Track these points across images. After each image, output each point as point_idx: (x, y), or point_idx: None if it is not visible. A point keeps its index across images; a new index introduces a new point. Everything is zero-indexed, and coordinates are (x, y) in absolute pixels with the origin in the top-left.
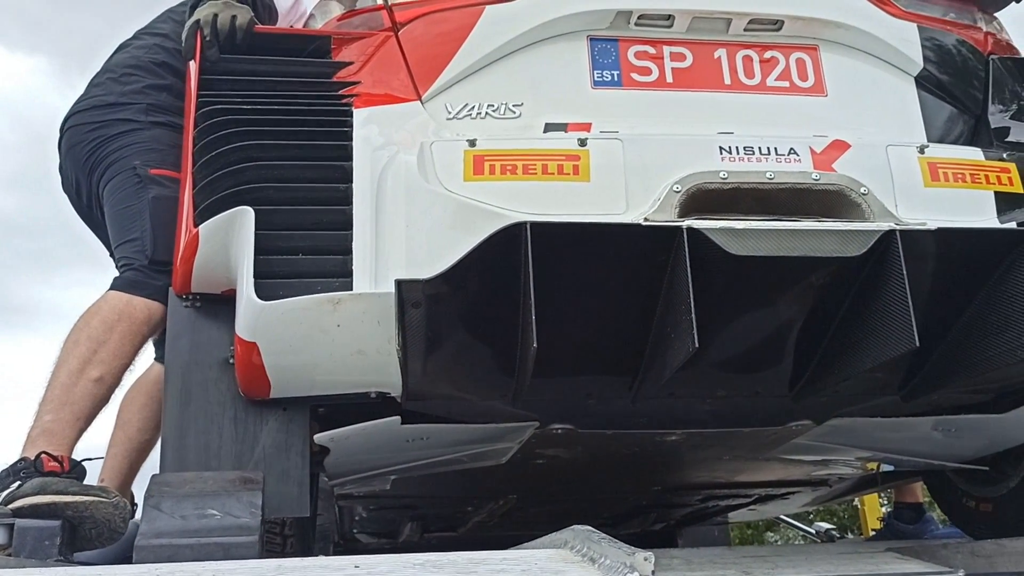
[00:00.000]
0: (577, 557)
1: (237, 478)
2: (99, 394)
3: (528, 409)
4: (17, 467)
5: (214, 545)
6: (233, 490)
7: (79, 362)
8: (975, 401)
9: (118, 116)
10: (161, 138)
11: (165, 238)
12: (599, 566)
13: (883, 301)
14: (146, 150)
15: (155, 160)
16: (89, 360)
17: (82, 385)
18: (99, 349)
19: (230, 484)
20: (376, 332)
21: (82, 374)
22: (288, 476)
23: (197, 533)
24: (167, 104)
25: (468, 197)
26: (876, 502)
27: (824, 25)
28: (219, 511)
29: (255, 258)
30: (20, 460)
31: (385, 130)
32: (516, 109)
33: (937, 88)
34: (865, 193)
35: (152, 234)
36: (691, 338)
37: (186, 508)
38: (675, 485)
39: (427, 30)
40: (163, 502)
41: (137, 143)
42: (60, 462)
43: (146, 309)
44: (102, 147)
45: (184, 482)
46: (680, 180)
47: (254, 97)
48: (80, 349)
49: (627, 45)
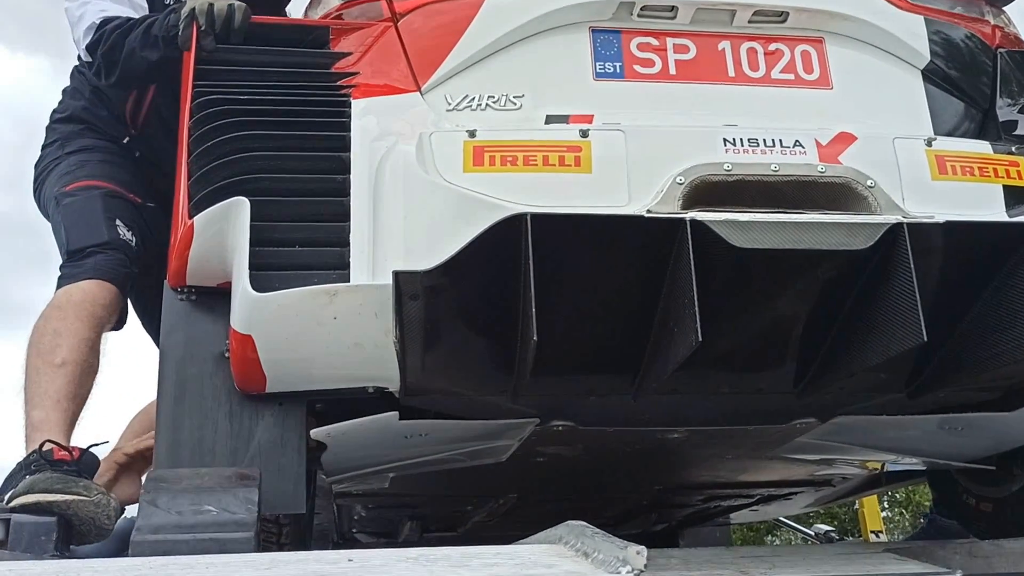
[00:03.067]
0: (571, 552)
1: (233, 474)
2: (68, 374)
3: (528, 405)
4: (28, 460)
5: (210, 540)
6: (229, 486)
7: (40, 357)
8: (982, 399)
9: (45, 161)
10: (71, 161)
11: (77, 230)
12: (592, 560)
13: (890, 295)
14: (60, 176)
15: (67, 180)
16: (48, 351)
17: (48, 373)
18: (53, 338)
19: (227, 480)
20: (373, 325)
21: (46, 364)
22: (284, 472)
23: (193, 529)
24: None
25: (467, 188)
26: (876, 505)
27: (830, 17)
28: (215, 507)
29: (251, 250)
30: (32, 454)
31: (384, 121)
32: (517, 100)
33: (944, 81)
34: (872, 186)
35: (66, 233)
36: (694, 333)
37: (182, 504)
38: (677, 484)
39: (427, 20)
40: (159, 498)
41: (55, 175)
42: (69, 451)
43: (79, 291)
44: (37, 192)
45: (180, 478)
46: (683, 172)
47: (251, 87)
48: (37, 347)
49: (630, 36)
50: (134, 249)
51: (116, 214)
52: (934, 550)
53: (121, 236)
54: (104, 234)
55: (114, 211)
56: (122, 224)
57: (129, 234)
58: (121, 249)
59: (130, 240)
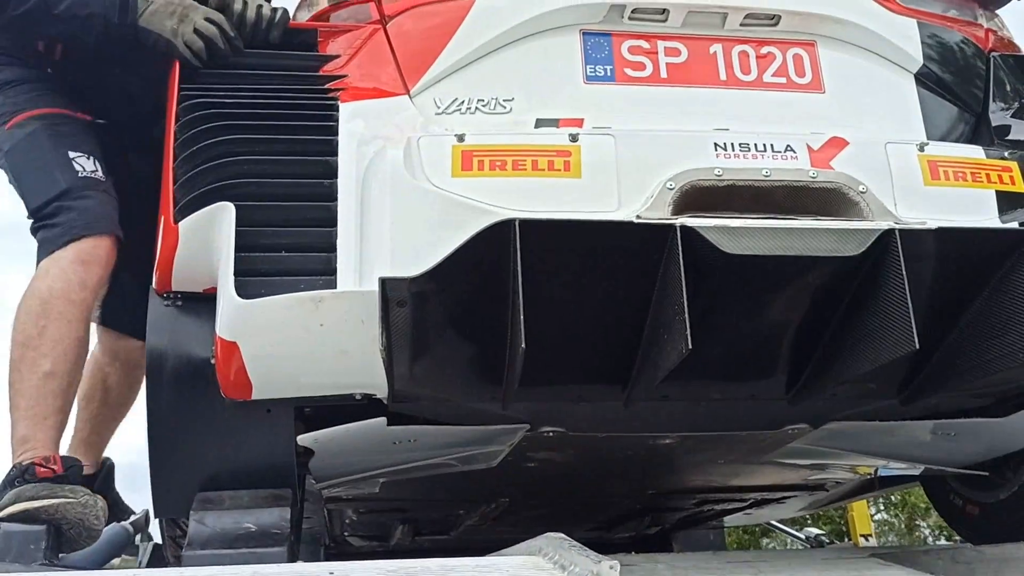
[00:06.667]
0: (549, 564)
1: (269, 495)
2: (55, 387)
3: (518, 412)
4: (11, 476)
5: (249, 553)
6: (266, 505)
7: (25, 361)
8: (975, 405)
9: None
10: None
11: (31, 180)
12: (568, 573)
13: (882, 302)
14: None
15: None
16: (33, 355)
17: (36, 384)
18: (39, 339)
19: (263, 500)
20: (360, 332)
21: (31, 372)
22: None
23: (235, 543)
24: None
25: (456, 193)
26: (865, 509)
27: (822, 20)
28: (254, 524)
29: (236, 255)
30: (12, 469)
31: (372, 124)
32: (506, 104)
33: (937, 85)
34: (863, 191)
35: (20, 188)
36: (684, 339)
37: (226, 522)
38: (669, 489)
39: (416, 23)
40: (206, 517)
41: None
42: (51, 466)
43: (61, 278)
44: None
45: (223, 499)
46: (674, 177)
47: (238, 91)
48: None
49: (621, 39)
50: (102, 181)
51: (68, 145)
52: (917, 555)
53: (81, 173)
54: (60, 181)
55: (65, 142)
56: (79, 154)
57: (91, 163)
58: (87, 188)
59: (94, 171)
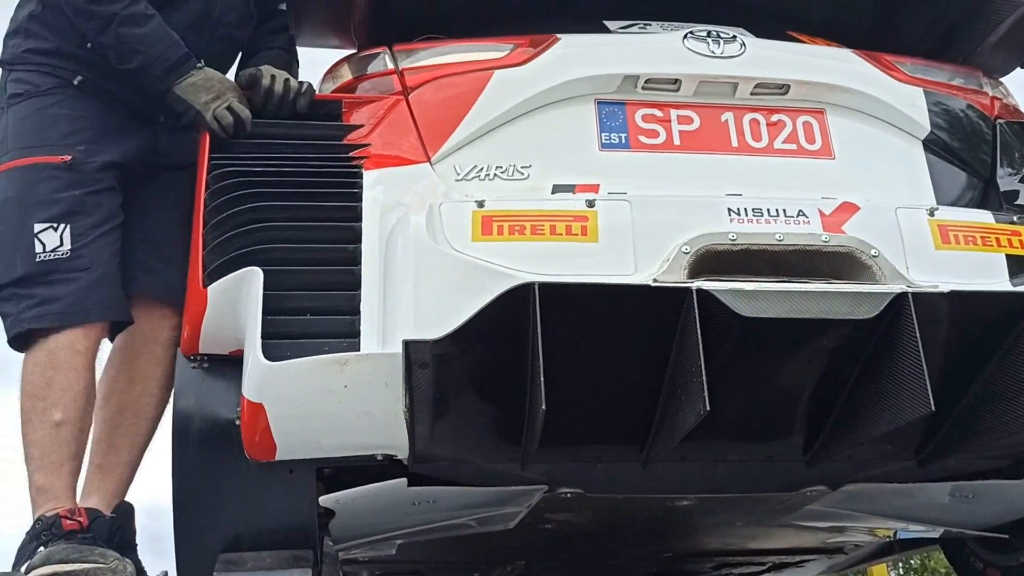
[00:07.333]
0: None
1: (290, 556)
2: (67, 435)
3: (537, 472)
4: (36, 530)
5: None
6: (287, 566)
7: (35, 411)
8: (993, 467)
9: None
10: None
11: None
12: None
13: (897, 364)
14: None
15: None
16: (42, 405)
17: (45, 432)
18: (46, 389)
19: (284, 561)
20: (383, 393)
21: (42, 421)
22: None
23: None
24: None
25: (476, 257)
26: (885, 573)
27: (830, 89)
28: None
29: (263, 319)
30: (37, 522)
31: (394, 191)
32: (524, 171)
33: (945, 151)
34: (876, 255)
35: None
36: (702, 401)
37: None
38: (687, 551)
39: (437, 94)
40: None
41: None
42: (77, 519)
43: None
44: None
45: (246, 560)
46: (689, 241)
47: (265, 159)
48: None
49: (634, 108)
50: (66, 258)
51: (37, 215)
52: None
53: (43, 256)
54: (17, 266)
55: (34, 212)
56: (46, 226)
57: (57, 235)
58: (50, 275)
59: (57, 246)
